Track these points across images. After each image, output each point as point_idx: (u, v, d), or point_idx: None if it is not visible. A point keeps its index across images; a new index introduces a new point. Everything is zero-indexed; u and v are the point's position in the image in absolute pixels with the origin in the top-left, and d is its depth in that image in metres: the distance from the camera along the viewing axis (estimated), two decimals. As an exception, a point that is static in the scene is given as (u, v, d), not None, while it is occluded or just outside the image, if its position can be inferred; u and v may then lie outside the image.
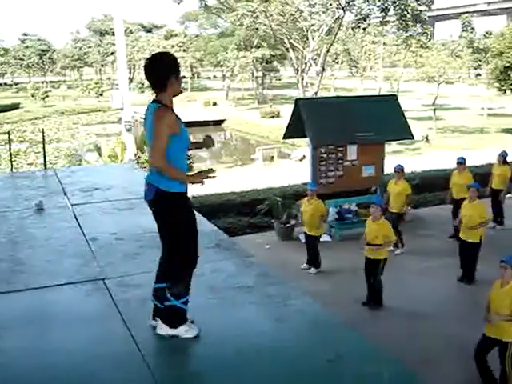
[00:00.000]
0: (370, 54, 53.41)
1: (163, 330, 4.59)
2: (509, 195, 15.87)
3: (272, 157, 31.86)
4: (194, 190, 15.29)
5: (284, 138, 15.96)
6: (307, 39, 35.90)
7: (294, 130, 14.93)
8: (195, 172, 4.55)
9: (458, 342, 8.93)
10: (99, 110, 60.88)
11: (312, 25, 35.90)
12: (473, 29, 75.77)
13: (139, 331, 4.70)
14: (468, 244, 11.40)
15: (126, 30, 45.11)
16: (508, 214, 14.94)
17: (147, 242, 6.63)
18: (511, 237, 13.37)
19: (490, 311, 7.57)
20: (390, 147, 26.78)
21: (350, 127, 14.34)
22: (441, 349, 8.96)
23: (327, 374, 4.18)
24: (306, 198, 12.44)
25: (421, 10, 45.62)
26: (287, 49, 36.74)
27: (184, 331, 4.57)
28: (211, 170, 4.44)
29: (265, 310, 5.19)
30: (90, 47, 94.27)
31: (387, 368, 4.28)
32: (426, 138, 33.33)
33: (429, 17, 56.40)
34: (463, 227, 11.44)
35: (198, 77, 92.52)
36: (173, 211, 4.43)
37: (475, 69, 55.82)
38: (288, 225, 14.40)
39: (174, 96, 4.44)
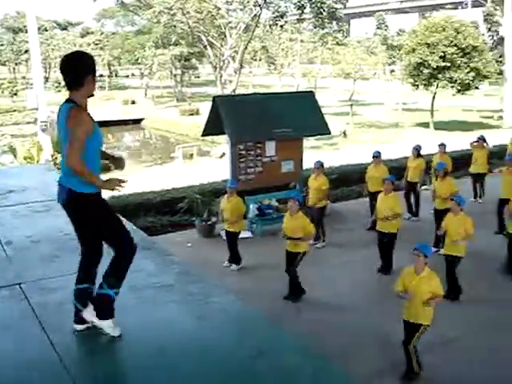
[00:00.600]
0: (287, 51, 53.86)
1: (89, 315, 4.44)
2: (424, 187, 16.35)
3: (192, 155, 31.74)
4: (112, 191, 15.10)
5: (203, 135, 15.89)
6: (225, 36, 35.96)
7: (213, 128, 14.90)
8: (109, 178, 4.43)
9: (379, 331, 9.16)
10: (14, 111, 58.81)
11: (229, 22, 36.02)
12: (387, 26, 77.72)
13: (57, 335, 4.56)
14: (385, 235, 11.72)
15: (40, 28, 44.04)
16: (422, 205, 15.39)
17: (65, 244, 6.43)
18: (426, 227, 13.74)
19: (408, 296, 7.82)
20: (309, 143, 27.10)
21: (268, 124, 14.43)
22: (363, 339, 9.15)
23: (250, 371, 4.16)
24: (225, 195, 12.44)
25: (336, 8, 46.50)
26: (205, 46, 36.68)
27: (108, 326, 4.46)
28: (120, 159, 4.38)
29: (186, 308, 5.13)
30: (2, 45, 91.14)
31: (310, 362, 4.32)
32: (344, 133, 33.96)
33: (344, 14, 57.53)
34: (379, 219, 11.74)
35: (116, 75, 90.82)
36: (88, 211, 4.32)
37: (389, 65, 57.20)
38: (209, 222, 14.36)
39: (89, 96, 4.33)
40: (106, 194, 4.63)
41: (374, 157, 14.34)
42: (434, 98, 35.57)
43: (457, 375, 8.28)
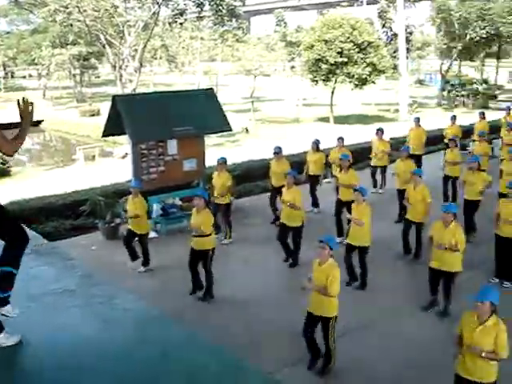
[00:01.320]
0: (188, 49, 53.69)
1: None
2: (326, 180, 16.71)
3: (94, 156, 31.12)
4: (11, 196, 14.62)
5: (103, 136, 15.59)
6: (124, 35, 35.36)
7: (113, 128, 14.67)
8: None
9: (287, 323, 9.30)
10: None
11: (128, 20, 35.45)
12: (285, 23, 78.60)
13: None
14: (290, 228, 11.92)
15: None
16: (325, 198, 15.73)
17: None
18: (329, 219, 14.06)
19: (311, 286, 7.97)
20: (211, 140, 27.22)
21: (169, 122, 14.36)
22: (271, 331, 9.29)
23: (154, 371, 4.13)
24: (130, 196, 12.28)
25: (235, 6, 46.67)
26: (104, 45, 35.93)
27: (5, 339, 4.37)
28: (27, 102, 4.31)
29: (90, 312, 5.04)
30: None
31: (215, 358, 4.34)
32: (246, 129, 34.21)
33: (244, 12, 57.83)
34: (284, 212, 11.95)
35: (12, 76, 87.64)
36: None
37: (289, 61, 57.82)
38: (113, 224, 14.15)
39: None
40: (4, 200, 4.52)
41: (275, 153, 14.53)
42: (332, 92, 36.37)
43: (371, 361, 8.58)
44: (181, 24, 42.59)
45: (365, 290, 10.99)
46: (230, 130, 16.54)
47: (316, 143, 15.61)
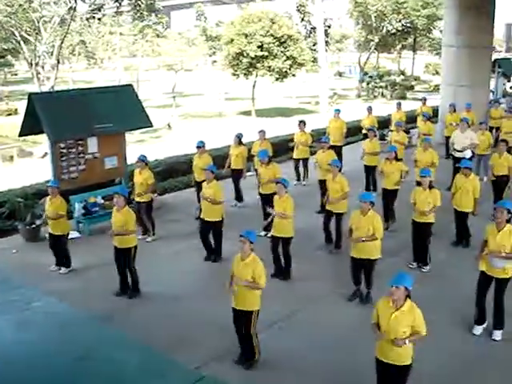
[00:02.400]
0: (107, 45, 52.76)
1: None
2: (249, 173, 16.82)
3: (11, 156, 30.21)
4: None
5: (20, 135, 15.16)
6: (39, 31, 34.44)
7: (31, 127, 14.28)
8: None
9: (213, 318, 9.36)
10: None
11: (43, 16, 34.53)
12: (206, 18, 78.38)
13: None
14: (210, 223, 11.97)
15: None
16: (249, 191, 15.86)
17: None
18: (253, 212, 14.19)
19: (233, 282, 8.02)
20: (133, 137, 26.93)
21: (89, 119, 14.13)
22: (198, 326, 9.33)
23: (76, 373, 4.06)
24: (48, 197, 11.99)
25: (154, 0, 46.26)
26: (19, 42, 34.90)
27: None
28: None
29: (6, 317, 4.94)
30: None
31: (140, 356, 4.31)
32: (168, 125, 33.98)
33: (163, 6, 57.37)
34: (203, 207, 11.98)
35: None
36: None
37: (210, 56, 57.78)
38: (33, 226, 13.82)
39: None
40: None
41: (197, 147, 14.53)
42: (254, 86, 36.59)
43: (298, 351, 8.73)
44: (99, 19, 41.82)
45: (288, 280, 11.17)
46: (151, 126, 16.40)
47: (238, 137, 15.71)
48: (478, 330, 9.26)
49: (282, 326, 9.51)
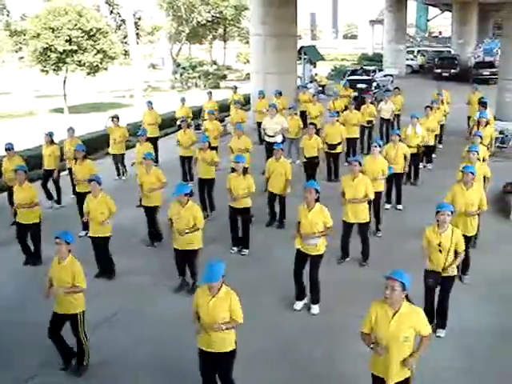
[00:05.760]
0: None
1: None
2: (63, 172, 16.35)
3: None
4: None
5: None
6: None
7: None
8: None
9: (37, 327, 8.80)
10: None
11: None
12: (8, 12, 74.57)
13: None
14: (28, 226, 11.64)
15: None
16: (66, 191, 15.41)
17: None
18: (71, 213, 13.83)
19: (50, 287, 7.80)
20: None
21: None
22: (20, 338, 8.93)
23: None
24: None
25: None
26: None
27: None
28: None
29: None
30: None
31: None
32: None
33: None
34: (19, 211, 11.57)
35: None
36: None
37: (17, 52, 55.03)
38: None
39: None
40: None
41: (6, 149, 13.84)
42: (64, 82, 35.39)
43: (129, 348, 8.72)
44: None
45: (112, 278, 11.06)
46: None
47: (49, 135, 15.10)
48: (299, 305, 9.76)
49: (111, 324, 9.41)
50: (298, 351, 8.58)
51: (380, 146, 12.73)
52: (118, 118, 17.49)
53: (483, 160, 12.71)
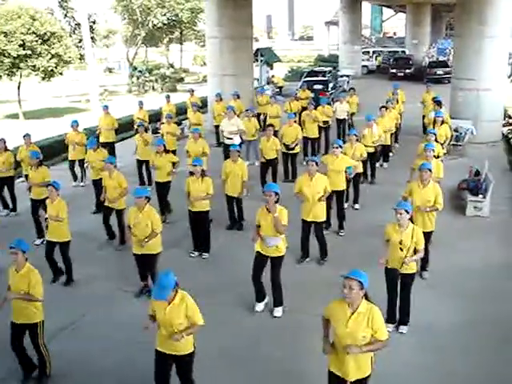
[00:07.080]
0: None
1: None
2: (19, 179, 16.13)
3: None
4: None
5: None
6: None
7: None
8: None
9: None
10: None
11: None
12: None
13: None
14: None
15: None
16: (22, 197, 15.16)
17: None
18: (26, 220, 13.63)
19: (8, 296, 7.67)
20: None
21: None
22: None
23: None
24: None
25: None
26: None
27: None
28: None
29: None
30: None
31: None
32: None
33: None
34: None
35: None
36: None
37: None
38: None
39: None
40: None
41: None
42: (19, 87, 34.86)
43: (91, 354, 8.59)
44: None
45: (71, 285, 10.94)
46: None
47: (3, 142, 14.82)
48: (260, 306, 9.78)
49: (73, 332, 9.28)
50: (259, 351, 8.61)
51: (341, 147, 12.80)
52: (77, 124, 17.24)
53: (437, 157, 12.93)
